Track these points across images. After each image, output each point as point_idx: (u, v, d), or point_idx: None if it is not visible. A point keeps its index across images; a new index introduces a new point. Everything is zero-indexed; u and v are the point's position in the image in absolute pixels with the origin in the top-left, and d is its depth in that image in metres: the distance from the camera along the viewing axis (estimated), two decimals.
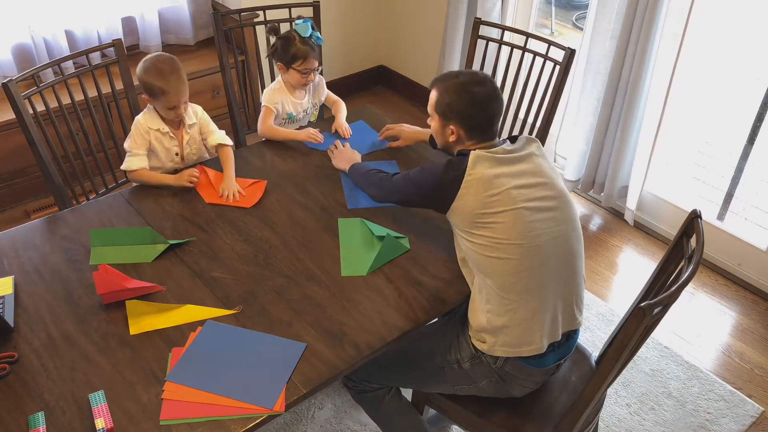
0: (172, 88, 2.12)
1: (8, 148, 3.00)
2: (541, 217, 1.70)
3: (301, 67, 2.45)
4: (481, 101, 1.77)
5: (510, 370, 1.76)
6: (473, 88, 1.77)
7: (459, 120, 1.79)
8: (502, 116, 1.84)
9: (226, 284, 1.84)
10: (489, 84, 1.79)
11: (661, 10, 2.82)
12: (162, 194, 2.18)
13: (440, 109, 1.82)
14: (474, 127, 1.79)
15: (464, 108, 1.78)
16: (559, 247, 1.73)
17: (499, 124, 1.82)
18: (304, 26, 2.43)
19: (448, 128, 1.82)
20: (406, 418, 2.02)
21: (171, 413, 1.50)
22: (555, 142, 3.59)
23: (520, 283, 1.69)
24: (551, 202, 1.73)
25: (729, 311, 2.92)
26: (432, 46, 4.05)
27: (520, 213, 1.67)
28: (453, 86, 1.80)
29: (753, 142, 2.99)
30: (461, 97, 1.78)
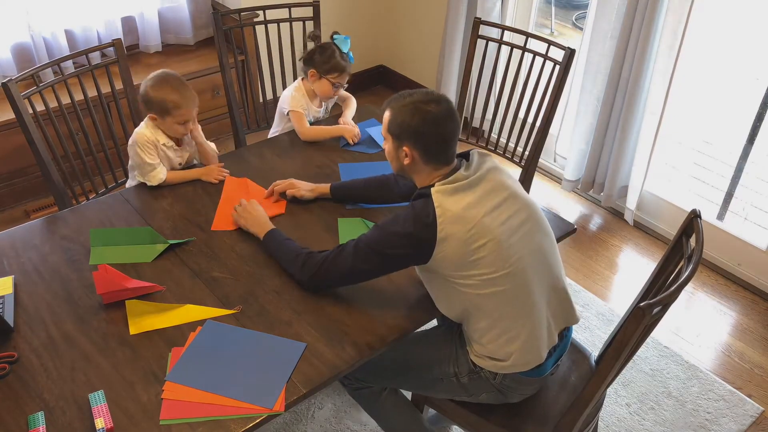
0: (186, 101, 2.11)
1: (8, 148, 3.00)
2: (517, 236, 1.66)
3: (336, 79, 2.49)
4: (435, 120, 1.65)
5: (509, 383, 1.75)
6: (427, 107, 1.65)
7: (413, 140, 1.66)
8: (457, 138, 1.69)
9: (225, 284, 1.84)
10: (444, 103, 1.67)
11: (660, 10, 2.82)
12: (162, 194, 2.18)
13: (393, 130, 1.70)
14: (429, 148, 1.67)
15: (417, 127, 1.65)
16: (538, 260, 1.70)
17: (455, 146, 1.70)
18: (345, 41, 2.48)
19: (401, 150, 1.69)
20: (404, 415, 2.01)
21: (171, 413, 1.50)
22: (555, 142, 3.59)
23: (515, 310, 1.66)
24: (521, 215, 1.69)
25: (729, 311, 2.92)
26: (432, 45, 4.05)
27: (499, 240, 1.62)
28: (406, 105, 1.67)
29: (753, 141, 2.99)
30: (414, 115, 1.65)
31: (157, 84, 2.11)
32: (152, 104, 2.12)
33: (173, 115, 2.12)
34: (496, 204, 1.66)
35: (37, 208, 3.18)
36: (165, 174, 2.19)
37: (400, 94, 1.73)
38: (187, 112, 2.13)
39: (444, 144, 1.67)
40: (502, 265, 1.63)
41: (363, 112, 2.68)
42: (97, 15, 3.30)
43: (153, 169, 2.17)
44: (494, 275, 1.63)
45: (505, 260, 1.63)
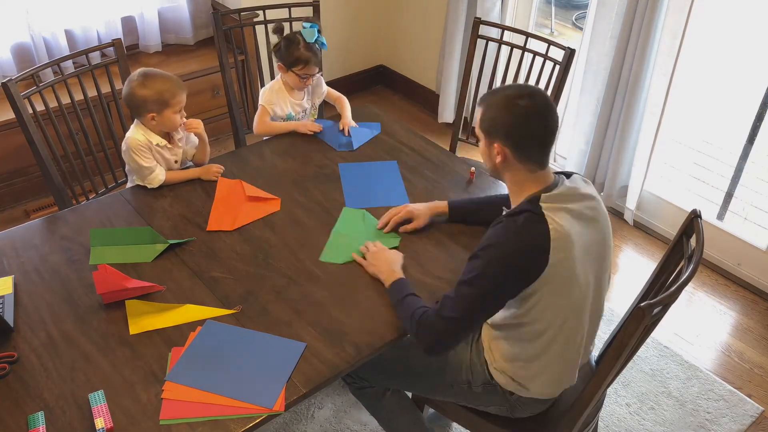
0: (179, 87, 2.12)
1: (8, 148, 3.00)
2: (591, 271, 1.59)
3: (301, 71, 2.46)
4: (528, 114, 1.54)
5: (525, 401, 1.74)
6: (519, 101, 1.54)
7: (504, 136, 1.55)
8: (554, 137, 1.58)
9: (225, 284, 1.84)
10: (539, 97, 1.55)
11: (660, 10, 2.82)
12: (162, 194, 2.18)
13: (484, 126, 1.60)
14: (521, 145, 1.55)
15: (509, 122, 1.54)
16: (597, 297, 1.65)
17: (551, 146, 1.59)
18: (311, 32, 2.44)
19: (493, 147, 1.59)
20: (406, 415, 2.01)
21: (171, 413, 1.50)
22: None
23: (565, 345, 1.62)
24: (604, 259, 1.62)
25: (729, 311, 2.92)
26: (432, 45, 4.05)
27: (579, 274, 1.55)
28: (498, 100, 1.57)
29: (753, 141, 2.99)
30: (506, 109, 1.55)
31: (145, 81, 2.09)
32: (146, 102, 2.08)
33: (171, 104, 2.11)
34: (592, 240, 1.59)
35: (37, 208, 3.18)
36: (164, 175, 2.19)
37: (493, 89, 1.65)
38: (183, 98, 2.14)
39: (537, 141, 1.56)
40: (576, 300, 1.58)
41: (363, 112, 2.68)
42: (97, 15, 3.30)
43: (151, 172, 2.16)
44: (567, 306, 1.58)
45: (579, 296, 1.58)
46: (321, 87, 2.66)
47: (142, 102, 2.09)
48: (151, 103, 2.10)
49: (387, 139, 2.51)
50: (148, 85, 2.09)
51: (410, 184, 2.27)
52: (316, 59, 2.47)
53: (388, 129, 2.57)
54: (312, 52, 2.44)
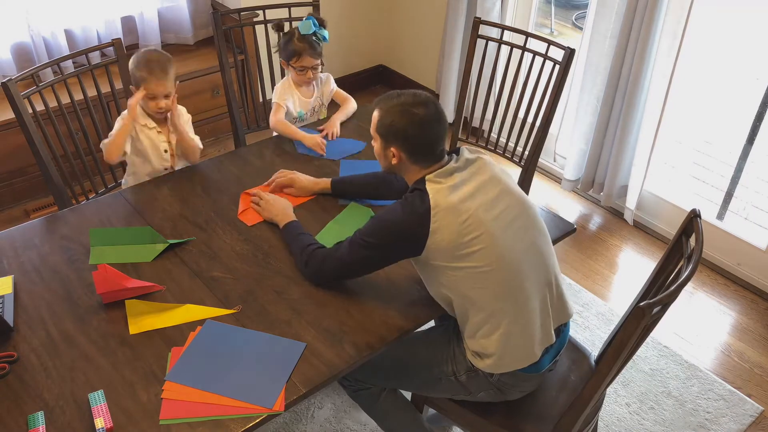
0: (152, 76, 2.16)
1: (8, 148, 3.00)
2: (511, 231, 1.67)
3: (297, 63, 2.47)
4: (422, 123, 1.67)
5: (507, 380, 1.75)
6: (414, 109, 1.68)
7: (400, 142, 1.69)
8: (444, 138, 1.72)
9: (225, 284, 1.84)
10: (431, 106, 1.70)
11: (660, 10, 2.82)
12: (162, 194, 2.18)
13: (381, 130, 1.73)
14: (415, 150, 1.69)
15: (404, 130, 1.68)
16: (532, 256, 1.71)
17: (443, 145, 1.72)
18: (306, 24, 2.44)
19: (389, 150, 1.72)
20: (404, 415, 2.01)
21: (170, 413, 1.50)
22: (555, 141, 3.59)
23: (507, 306, 1.67)
24: (514, 210, 1.70)
25: (728, 311, 2.92)
26: (432, 45, 4.05)
27: (492, 233, 1.63)
28: (393, 107, 1.70)
29: (753, 141, 2.99)
30: (401, 118, 1.68)
31: (138, 57, 2.20)
32: (131, 75, 2.22)
33: (143, 88, 2.18)
34: (491, 198, 1.68)
35: (36, 207, 3.18)
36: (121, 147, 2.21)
37: (388, 94, 1.76)
38: (153, 87, 2.18)
39: (430, 146, 1.70)
40: (495, 260, 1.64)
41: (363, 112, 2.67)
42: (96, 15, 3.30)
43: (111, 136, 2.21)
44: (486, 269, 1.64)
45: (498, 255, 1.64)
46: (329, 85, 2.65)
47: (129, 73, 2.24)
48: (132, 78, 2.22)
49: None
50: (136, 62, 2.19)
51: None
52: (312, 51, 2.46)
53: None
54: (306, 44, 2.44)
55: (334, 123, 2.52)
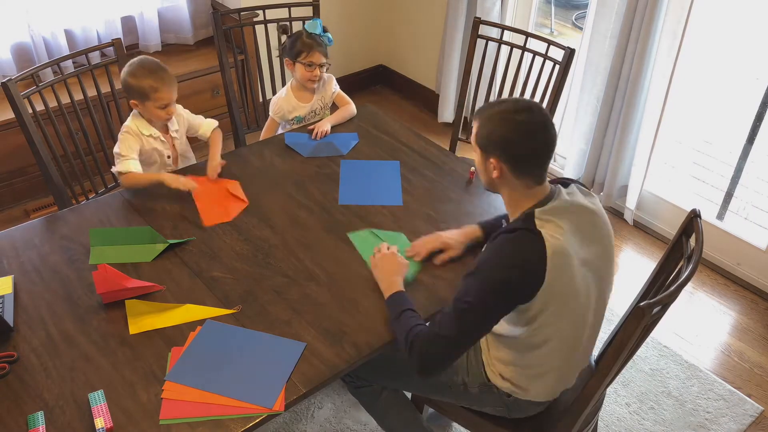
0: (164, 84, 2.14)
1: (7, 148, 3.00)
2: (593, 283, 1.59)
3: (305, 59, 2.48)
4: (525, 129, 1.52)
5: (522, 404, 1.74)
6: (516, 116, 1.52)
7: (500, 151, 1.54)
8: (552, 153, 1.56)
9: (225, 284, 1.84)
10: (537, 112, 1.53)
11: (660, 10, 2.82)
12: (162, 194, 2.18)
13: (480, 141, 1.58)
14: (518, 160, 1.53)
15: (506, 137, 1.52)
16: (598, 309, 1.65)
17: (548, 162, 1.56)
18: (313, 23, 2.48)
19: (489, 162, 1.57)
20: (404, 414, 2.01)
21: (170, 413, 1.50)
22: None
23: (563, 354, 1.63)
24: (603, 269, 1.61)
25: (728, 311, 2.92)
26: (432, 45, 4.05)
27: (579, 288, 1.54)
28: (495, 114, 1.55)
29: (753, 141, 2.99)
30: (502, 124, 1.53)
31: (135, 70, 2.14)
32: (132, 90, 2.14)
33: (152, 99, 2.14)
34: (593, 254, 1.59)
35: (36, 207, 3.18)
36: (134, 168, 2.17)
37: (489, 103, 1.62)
38: (166, 95, 2.15)
39: (535, 157, 1.54)
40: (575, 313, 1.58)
41: (362, 113, 2.67)
42: (96, 15, 3.30)
43: (124, 159, 2.17)
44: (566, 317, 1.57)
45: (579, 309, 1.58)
46: (331, 86, 2.64)
47: (128, 88, 2.15)
48: (135, 93, 2.14)
49: (387, 139, 2.51)
50: (137, 75, 2.13)
51: (410, 184, 2.27)
52: (320, 48, 2.48)
53: (388, 129, 2.57)
54: (314, 41, 2.47)
55: (324, 123, 2.51)
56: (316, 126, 2.50)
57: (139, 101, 2.16)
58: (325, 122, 2.52)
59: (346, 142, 2.46)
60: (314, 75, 2.52)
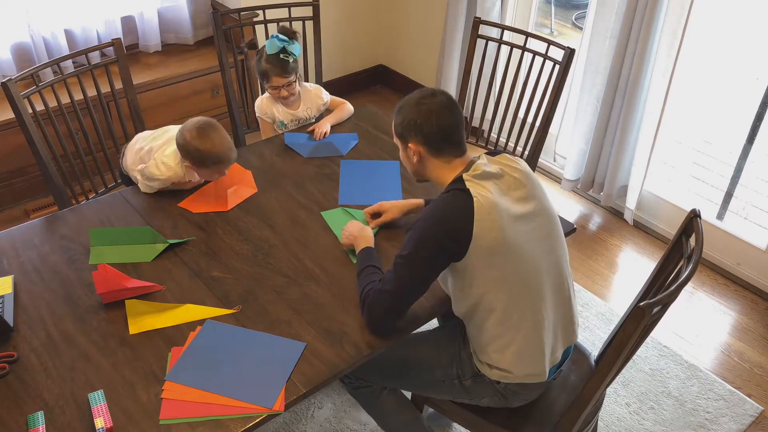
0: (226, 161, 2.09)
1: (7, 148, 3.00)
2: (540, 249, 1.65)
3: (267, 85, 2.46)
4: (430, 111, 1.66)
5: (513, 388, 1.75)
6: (422, 101, 1.68)
7: (413, 133, 1.68)
8: (462, 129, 1.69)
9: (225, 284, 1.84)
10: (440, 95, 1.69)
11: (660, 10, 2.82)
12: (162, 194, 2.18)
13: (397, 131, 1.73)
14: (430, 139, 1.67)
15: (417, 120, 1.67)
16: (554, 276, 1.70)
17: (461, 136, 1.69)
18: (271, 43, 2.40)
19: (409, 150, 1.71)
20: (404, 414, 2.01)
21: (170, 413, 1.50)
22: (554, 141, 3.59)
23: (524, 322, 1.65)
24: (546, 228, 1.68)
25: (728, 311, 2.92)
26: (432, 45, 4.05)
27: (524, 248, 1.61)
28: (403, 105, 1.72)
29: (752, 141, 2.99)
30: (410, 110, 1.69)
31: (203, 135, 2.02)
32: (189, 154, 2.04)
33: (209, 168, 2.08)
34: (527, 212, 1.65)
35: (36, 207, 3.18)
36: (158, 189, 2.17)
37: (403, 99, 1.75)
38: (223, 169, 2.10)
39: (446, 133, 1.67)
40: (522, 272, 1.62)
41: (362, 112, 2.67)
42: (96, 15, 3.30)
43: (152, 181, 2.14)
44: (513, 278, 1.61)
45: (525, 269, 1.62)
46: (320, 98, 2.62)
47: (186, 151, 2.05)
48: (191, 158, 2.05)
49: (387, 139, 2.51)
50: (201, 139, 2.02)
51: (410, 183, 2.27)
52: (280, 70, 2.41)
53: (388, 129, 2.57)
54: (273, 64, 2.40)
55: (324, 123, 2.51)
56: (316, 126, 2.49)
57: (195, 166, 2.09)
58: (325, 122, 2.52)
59: (346, 142, 2.46)
60: (281, 95, 2.49)
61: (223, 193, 2.15)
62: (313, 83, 2.76)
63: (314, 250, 1.97)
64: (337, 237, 2.01)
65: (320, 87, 2.65)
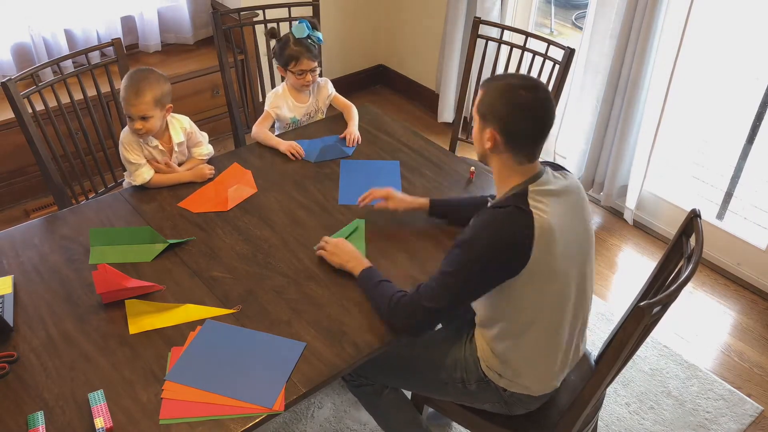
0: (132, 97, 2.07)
1: (7, 148, 3.00)
2: (576, 269, 1.63)
3: (294, 68, 2.46)
4: (527, 106, 1.53)
5: (519, 397, 1.75)
6: (520, 91, 1.53)
7: (498, 123, 1.56)
8: (547, 133, 1.58)
9: (225, 283, 1.84)
10: (541, 91, 1.55)
11: (660, 10, 2.82)
12: (162, 194, 2.18)
13: (481, 109, 1.59)
14: (514, 135, 1.55)
15: (506, 110, 1.54)
16: (580, 295, 1.67)
17: (542, 141, 1.58)
18: (300, 27, 2.44)
19: (485, 131, 1.59)
20: (404, 414, 2.01)
21: (170, 412, 1.50)
22: (554, 141, 3.59)
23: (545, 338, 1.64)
24: (585, 249, 1.66)
25: (728, 310, 2.92)
26: (431, 45, 4.05)
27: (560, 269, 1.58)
28: (499, 87, 1.57)
29: (752, 141, 2.99)
30: (505, 97, 1.55)
31: (126, 77, 2.12)
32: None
33: (124, 107, 2.10)
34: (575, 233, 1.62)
35: (36, 207, 3.18)
36: (150, 174, 2.17)
37: (498, 75, 1.65)
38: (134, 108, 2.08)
39: (531, 134, 1.56)
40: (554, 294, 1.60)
41: (362, 113, 2.67)
42: (96, 15, 3.30)
43: (137, 168, 2.16)
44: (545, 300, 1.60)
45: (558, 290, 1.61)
46: (327, 90, 2.63)
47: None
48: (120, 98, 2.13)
49: (387, 139, 2.51)
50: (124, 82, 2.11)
51: (410, 183, 2.27)
52: (309, 54, 2.45)
53: (388, 129, 2.57)
54: (303, 47, 2.43)
55: (353, 130, 2.49)
56: (348, 134, 2.47)
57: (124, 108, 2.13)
58: (352, 127, 2.50)
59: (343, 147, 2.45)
60: (306, 81, 2.50)
61: (224, 193, 2.15)
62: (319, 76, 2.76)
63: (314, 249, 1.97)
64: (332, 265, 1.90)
65: (327, 79, 2.66)
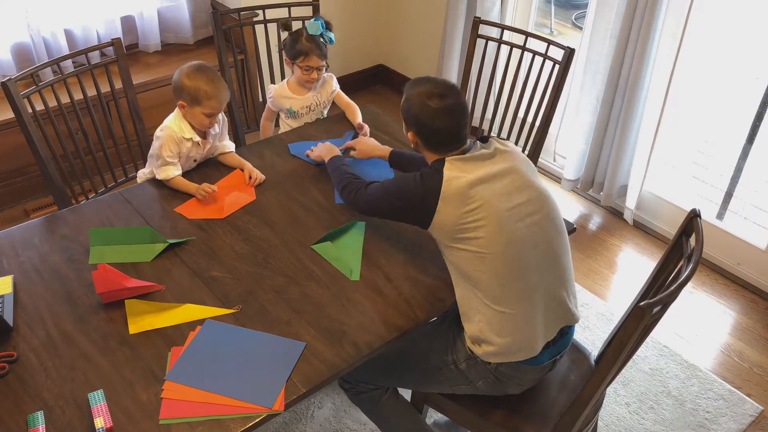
0: (219, 93, 2.12)
1: (7, 148, 3.00)
2: (524, 225, 1.68)
3: (302, 63, 2.47)
4: (436, 114, 1.72)
5: (505, 370, 1.75)
6: (429, 101, 1.72)
7: (415, 127, 1.77)
8: (464, 129, 1.76)
9: (225, 283, 1.84)
10: (450, 98, 1.73)
11: (660, 10, 2.82)
12: (162, 193, 2.18)
13: (402, 113, 1.82)
14: (429, 138, 1.76)
15: (417, 116, 1.75)
16: (543, 252, 1.71)
17: (458, 138, 1.75)
18: (315, 24, 2.45)
19: (409, 132, 1.81)
20: (405, 417, 2.02)
21: (170, 412, 1.50)
22: (554, 141, 3.59)
23: (508, 294, 1.67)
24: (534, 205, 1.71)
25: (728, 310, 2.92)
26: (431, 45, 4.05)
27: (501, 223, 1.65)
28: (413, 94, 1.76)
29: (752, 141, 2.99)
30: (417, 106, 1.75)
31: (193, 73, 2.11)
32: (184, 91, 2.12)
33: (203, 105, 2.11)
34: (508, 189, 1.69)
35: (36, 207, 3.18)
36: (176, 174, 2.17)
37: (418, 79, 1.81)
38: (217, 105, 2.14)
39: (443, 137, 1.74)
40: (498, 247, 1.65)
41: (362, 112, 2.67)
42: (96, 14, 3.30)
43: (166, 165, 2.16)
44: (486, 254, 1.65)
45: (502, 242, 1.65)
46: (331, 86, 2.63)
47: (181, 88, 2.13)
48: (187, 94, 2.12)
49: (387, 139, 2.51)
50: (193, 77, 2.11)
51: None
52: (319, 51, 2.46)
53: (388, 129, 2.57)
54: (314, 44, 2.44)
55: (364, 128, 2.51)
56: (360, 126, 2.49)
57: (188, 104, 2.13)
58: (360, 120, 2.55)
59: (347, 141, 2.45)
60: (311, 77, 2.51)
61: (221, 200, 2.14)
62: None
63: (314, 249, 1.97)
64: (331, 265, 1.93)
65: (332, 75, 2.66)
